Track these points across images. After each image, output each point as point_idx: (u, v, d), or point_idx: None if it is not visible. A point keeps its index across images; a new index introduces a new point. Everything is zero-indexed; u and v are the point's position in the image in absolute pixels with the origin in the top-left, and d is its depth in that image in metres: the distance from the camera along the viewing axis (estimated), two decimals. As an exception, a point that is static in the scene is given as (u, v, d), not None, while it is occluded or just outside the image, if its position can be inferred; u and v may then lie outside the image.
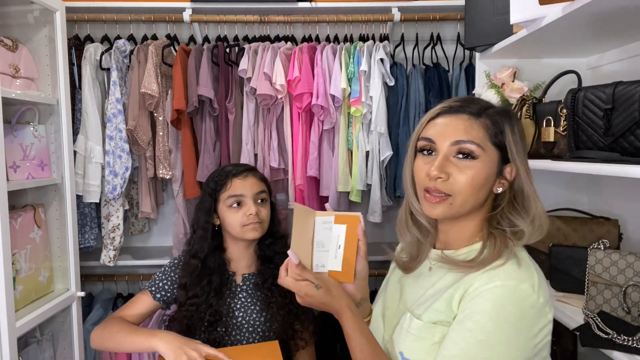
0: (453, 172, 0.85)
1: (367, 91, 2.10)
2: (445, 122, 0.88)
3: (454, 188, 0.85)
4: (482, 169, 0.85)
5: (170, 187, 2.36)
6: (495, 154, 0.86)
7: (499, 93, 1.64)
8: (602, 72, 1.65)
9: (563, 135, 1.33)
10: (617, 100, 1.09)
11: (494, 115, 0.87)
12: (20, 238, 1.63)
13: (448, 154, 0.86)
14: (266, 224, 1.44)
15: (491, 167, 0.86)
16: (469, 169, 0.85)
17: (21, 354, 1.66)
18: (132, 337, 1.30)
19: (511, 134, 0.86)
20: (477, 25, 1.70)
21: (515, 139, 0.87)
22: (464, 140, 0.85)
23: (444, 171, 0.85)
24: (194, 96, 2.08)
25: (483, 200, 0.88)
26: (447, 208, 0.87)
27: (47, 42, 1.78)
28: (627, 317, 1.14)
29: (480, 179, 0.85)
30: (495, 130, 0.86)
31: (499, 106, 0.91)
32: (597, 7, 1.10)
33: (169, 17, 2.19)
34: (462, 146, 0.85)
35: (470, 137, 0.85)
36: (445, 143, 0.86)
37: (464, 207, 0.87)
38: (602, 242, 1.23)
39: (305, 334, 1.45)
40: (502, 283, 0.80)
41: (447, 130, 0.87)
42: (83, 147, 2.07)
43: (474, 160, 0.85)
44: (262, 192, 1.45)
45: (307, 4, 2.19)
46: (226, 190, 1.42)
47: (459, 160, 0.85)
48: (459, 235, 0.93)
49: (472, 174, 0.85)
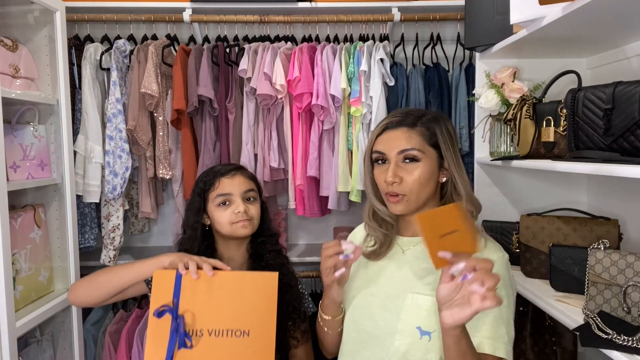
0: (404, 176, 1.06)
1: (367, 91, 2.10)
2: (390, 136, 1.09)
3: (407, 188, 1.06)
4: (426, 168, 1.06)
5: (170, 187, 2.36)
6: (433, 152, 1.08)
7: (499, 93, 1.64)
8: (602, 72, 1.65)
9: (563, 135, 1.33)
10: (617, 100, 1.09)
11: (427, 123, 1.09)
12: (20, 238, 1.63)
13: (397, 161, 1.07)
14: (256, 222, 1.43)
15: (432, 164, 1.08)
16: (415, 170, 1.06)
17: (21, 354, 1.66)
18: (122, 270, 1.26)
19: (441, 135, 1.08)
20: (477, 25, 1.70)
21: (444, 139, 1.08)
22: (407, 148, 1.06)
23: (397, 176, 1.06)
24: (194, 96, 2.08)
25: (433, 191, 1.10)
26: (405, 205, 1.08)
27: (47, 42, 1.78)
28: (627, 317, 1.14)
29: (425, 176, 1.06)
30: (430, 134, 1.08)
31: (430, 113, 1.12)
32: (597, 7, 1.10)
33: (169, 17, 2.19)
34: (406, 153, 1.06)
35: (411, 145, 1.06)
36: (393, 153, 1.07)
37: (418, 201, 1.08)
38: (602, 242, 1.23)
39: (297, 332, 1.45)
40: (497, 256, 1.06)
41: (392, 142, 1.08)
42: (83, 147, 2.07)
43: (417, 162, 1.06)
44: (251, 190, 1.44)
45: (307, 4, 2.19)
46: (214, 189, 1.42)
47: (406, 165, 1.07)
48: None
49: (418, 173, 1.06)
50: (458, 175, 1.08)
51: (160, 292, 1.15)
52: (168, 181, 2.38)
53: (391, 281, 1.12)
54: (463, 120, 2.20)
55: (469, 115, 2.18)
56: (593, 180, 1.75)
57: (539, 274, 1.54)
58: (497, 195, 1.85)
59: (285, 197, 2.31)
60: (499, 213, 1.82)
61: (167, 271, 1.18)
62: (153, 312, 1.13)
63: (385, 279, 1.13)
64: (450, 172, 1.09)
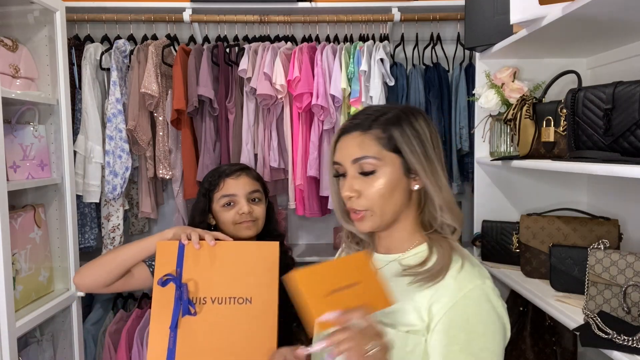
0: (362, 189, 0.90)
1: (367, 91, 2.10)
2: (344, 144, 0.93)
3: (367, 203, 0.90)
4: (387, 177, 0.89)
5: (170, 187, 2.36)
6: (395, 157, 0.90)
7: (499, 93, 1.64)
8: (602, 72, 1.66)
9: (563, 135, 1.33)
10: (617, 100, 1.09)
11: (384, 124, 0.91)
12: (20, 238, 1.63)
13: (354, 172, 0.91)
14: (261, 223, 1.43)
15: (395, 172, 0.90)
16: (374, 181, 0.89)
17: (21, 354, 1.66)
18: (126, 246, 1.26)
19: (402, 136, 0.90)
20: (477, 25, 1.70)
21: (407, 139, 0.90)
22: (360, 156, 0.90)
23: (354, 190, 0.91)
24: (194, 96, 2.08)
25: (402, 202, 0.92)
26: (370, 221, 0.92)
27: (47, 42, 1.78)
28: (627, 317, 1.14)
29: (387, 186, 0.89)
30: (386, 137, 0.90)
31: (394, 110, 0.93)
32: (597, 7, 1.10)
33: (169, 17, 2.19)
34: (361, 162, 0.90)
35: (364, 152, 0.90)
36: (347, 163, 0.92)
37: (385, 215, 0.91)
38: (602, 242, 1.23)
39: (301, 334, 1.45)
40: (473, 285, 0.85)
41: (346, 151, 0.92)
42: (83, 147, 2.07)
43: (375, 172, 0.89)
44: (256, 191, 1.44)
45: (307, 4, 2.19)
46: (219, 190, 1.42)
47: (363, 176, 0.90)
48: (399, 238, 0.96)
49: (378, 184, 0.89)
50: (430, 182, 0.90)
51: (163, 262, 1.17)
52: (168, 181, 2.38)
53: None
54: (463, 120, 2.20)
55: (469, 115, 2.18)
56: (593, 180, 1.75)
57: (539, 274, 1.54)
58: (497, 195, 1.85)
59: (285, 197, 2.30)
60: (499, 213, 1.83)
61: (170, 242, 1.20)
62: (157, 281, 1.15)
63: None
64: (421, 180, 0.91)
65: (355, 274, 0.80)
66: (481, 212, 1.85)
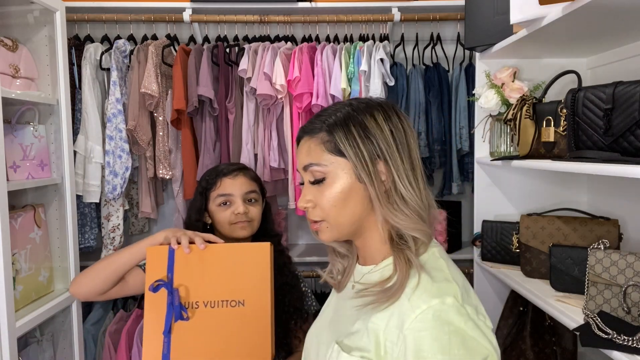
0: (315, 197, 0.83)
1: (367, 91, 2.10)
2: (298, 150, 0.88)
3: (322, 213, 0.83)
4: (337, 184, 0.81)
5: (170, 187, 2.36)
6: (345, 162, 0.81)
7: (499, 93, 1.64)
8: (602, 72, 1.65)
9: (563, 135, 1.33)
10: (617, 100, 1.09)
11: (329, 126, 0.82)
12: (20, 238, 1.63)
13: (306, 181, 0.85)
14: (256, 223, 1.43)
15: (347, 177, 0.81)
16: (324, 189, 0.82)
17: (21, 354, 1.66)
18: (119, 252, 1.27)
19: (345, 139, 0.80)
20: (477, 25, 1.70)
21: (350, 142, 0.80)
22: (307, 164, 0.83)
23: (307, 200, 0.84)
24: (194, 96, 2.08)
25: (361, 210, 0.82)
26: (328, 232, 0.84)
27: (47, 42, 1.78)
28: (627, 317, 1.14)
29: (338, 194, 0.81)
30: (331, 140, 0.82)
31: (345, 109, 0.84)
32: (597, 7, 1.10)
33: (169, 17, 2.19)
34: (310, 170, 0.83)
35: (310, 159, 0.83)
36: (301, 171, 0.86)
37: (342, 225, 0.83)
38: (602, 242, 1.23)
39: (299, 332, 1.45)
40: (427, 306, 0.72)
41: (299, 158, 0.87)
42: (83, 147, 2.07)
43: (324, 180, 0.82)
44: (252, 191, 1.44)
45: (307, 4, 2.19)
46: (216, 189, 1.42)
47: (314, 185, 0.83)
48: (371, 248, 0.87)
49: (329, 192, 0.81)
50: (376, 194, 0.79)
51: (154, 268, 1.17)
52: (168, 181, 2.38)
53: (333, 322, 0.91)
54: (463, 120, 2.20)
55: (469, 115, 2.18)
56: (593, 180, 1.75)
57: (539, 274, 1.54)
58: (497, 195, 1.86)
59: (285, 197, 2.30)
60: (499, 213, 1.83)
61: (160, 247, 1.19)
62: (148, 287, 1.14)
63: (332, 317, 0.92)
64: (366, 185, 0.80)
65: None
66: (481, 212, 1.85)
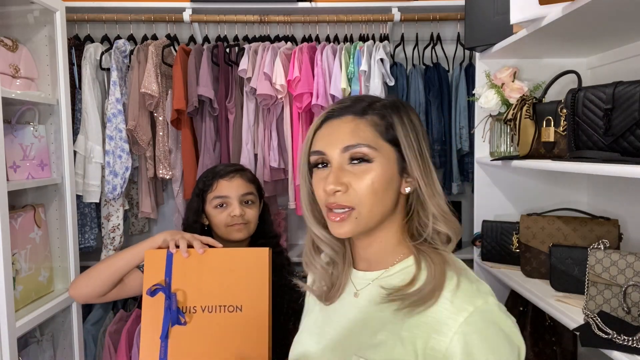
0: (351, 181, 0.76)
1: (367, 91, 2.10)
2: (331, 129, 0.79)
3: (356, 199, 0.76)
4: (381, 171, 0.76)
5: (170, 187, 2.36)
6: (392, 151, 0.78)
7: (499, 93, 1.64)
8: (602, 72, 1.65)
9: (563, 135, 1.33)
10: (617, 100, 1.09)
11: (381, 110, 0.79)
12: (20, 238, 1.63)
13: (341, 162, 0.77)
14: (253, 225, 1.42)
15: (391, 167, 0.77)
16: (366, 174, 0.76)
17: (21, 354, 1.66)
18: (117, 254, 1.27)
19: (401, 126, 0.78)
20: (477, 25, 1.70)
21: (405, 132, 0.78)
22: (353, 144, 0.76)
23: (341, 182, 0.76)
24: (194, 96, 2.08)
25: (391, 205, 0.79)
26: (354, 224, 0.77)
27: (47, 42, 1.78)
28: (627, 317, 1.14)
29: (381, 182, 0.76)
30: (385, 126, 0.78)
31: (387, 99, 0.82)
32: (597, 7, 1.10)
33: (169, 17, 2.19)
34: (353, 151, 0.76)
35: (359, 139, 0.76)
36: (335, 151, 0.77)
37: (372, 218, 0.77)
38: (602, 242, 1.23)
39: None
40: (473, 308, 0.70)
41: (334, 137, 0.78)
42: (83, 147, 2.07)
43: (369, 163, 0.76)
44: (249, 193, 1.42)
45: (307, 4, 2.19)
46: (212, 191, 1.41)
47: (354, 167, 0.76)
48: (381, 249, 0.82)
49: (371, 178, 0.75)
50: (425, 185, 0.77)
51: (152, 272, 1.16)
52: (168, 181, 2.38)
53: (338, 335, 0.83)
54: (463, 120, 2.20)
55: (469, 115, 2.18)
56: (593, 180, 1.75)
57: (539, 274, 1.54)
58: (497, 195, 1.85)
59: (285, 197, 2.30)
60: (499, 213, 1.83)
61: (158, 251, 1.19)
62: (146, 291, 1.14)
63: (333, 331, 0.85)
64: (415, 180, 0.78)
65: None
66: (481, 212, 1.85)
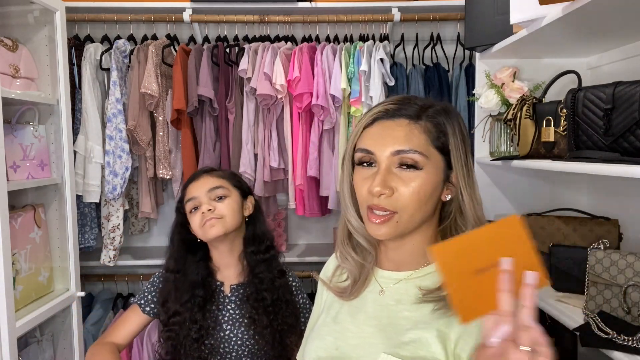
0: (397, 186, 0.76)
1: (367, 91, 2.10)
2: (383, 129, 0.79)
3: (399, 204, 0.76)
4: (428, 179, 0.77)
5: (170, 187, 2.36)
6: (440, 159, 0.79)
7: (499, 93, 1.64)
8: (602, 72, 1.65)
9: (563, 135, 1.33)
10: (617, 100, 1.09)
11: (435, 116, 0.79)
12: (20, 238, 1.63)
13: (389, 165, 0.77)
14: (229, 219, 1.35)
15: (437, 175, 0.78)
16: (413, 180, 0.76)
17: (21, 354, 1.66)
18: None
19: (452, 136, 0.79)
20: (477, 25, 1.70)
21: (456, 142, 0.79)
22: (406, 149, 0.76)
23: (388, 186, 0.76)
24: (194, 96, 2.08)
25: (432, 212, 0.80)
26: (393, 227, 0.77)
27: (47, 42, 1.78)
28: (627, 317, 1.14)
29: (427, 190, 0.77)
30: (437, 133, 0.78)
31: (438, 103, 0.82)
32: (597, 7, 1.10)
33: (169, 17, 2.19)
34: (404, 156, 0.76)
35: (412, 145, 0.76)
36: (385, 153, 0.77)
37: (411, 223, 0.78)
38: (602, 242, 1.23)
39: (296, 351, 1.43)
40: None
41: (385, 138, 0.78)
42: (83, 147, 2.07)
43: (418, 170, 0.76)
44: (217, 187, 1.36)
45: (307, 4, 2.19)
46: (185, 198, 1.39)
47: (402, 172, 0.77)
48: (412, 251, 0.83)
49: (418, 186, 0.76)
50: (467, 194, 0.79)
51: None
52: (168, 181, 2.38)
53: (362, 332, 0.83)
54: (463, 120, 2.20)
55: (469, 115, 2.18)
56: (593, 180, 1.75)
57: (539, 274, 1.54)
58: (497, 195, 1.85)
59: (285, 197, 2.30)
60: (499, 213, 1.82)
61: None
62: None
63: (356, 328, 0.84)
64: (458, 189, 0.80)
65: (509, 245, 0.62)
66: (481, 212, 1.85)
